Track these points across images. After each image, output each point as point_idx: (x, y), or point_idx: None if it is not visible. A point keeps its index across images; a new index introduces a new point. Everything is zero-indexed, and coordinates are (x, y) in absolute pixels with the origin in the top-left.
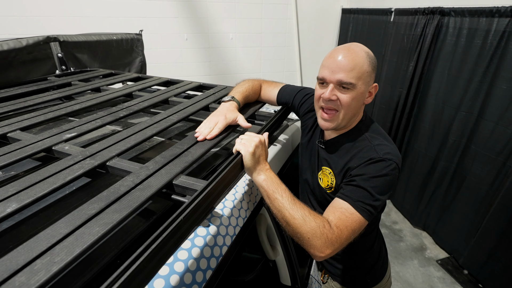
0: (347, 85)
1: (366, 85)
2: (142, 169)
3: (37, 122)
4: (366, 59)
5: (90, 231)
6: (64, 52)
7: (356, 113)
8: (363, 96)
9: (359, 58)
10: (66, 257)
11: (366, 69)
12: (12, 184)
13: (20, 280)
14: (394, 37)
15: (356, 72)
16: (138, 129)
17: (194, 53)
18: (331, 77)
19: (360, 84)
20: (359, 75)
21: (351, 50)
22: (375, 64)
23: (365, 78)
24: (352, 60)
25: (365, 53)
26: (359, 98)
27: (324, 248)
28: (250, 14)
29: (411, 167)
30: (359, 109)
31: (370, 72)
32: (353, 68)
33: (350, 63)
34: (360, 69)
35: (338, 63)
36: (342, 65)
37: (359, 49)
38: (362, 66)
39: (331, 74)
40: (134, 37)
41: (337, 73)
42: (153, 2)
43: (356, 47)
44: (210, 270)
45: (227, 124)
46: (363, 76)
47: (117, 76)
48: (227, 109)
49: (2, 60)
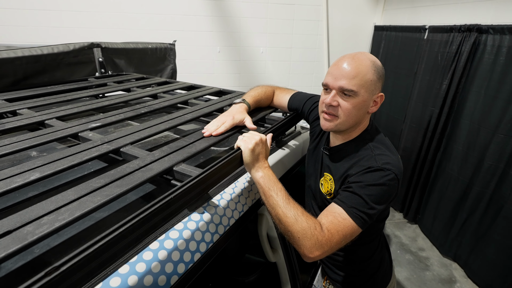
0: (348, 92)
1: (370, 93)
2: (148, 156)
3: (70, 113)
4: (371, 68)
5: (93, 199)
6: (104, 57)
7: (358, 121)
8: (366, 104)
9: (363, 67)
10: (68, 217)
11: (370, 77)
12: (39, 159)
13: (28, 229)
14: (427, 55)
15: (359, 80)
16: (153, 124)
17: (226, 65)
18: (334, 84)
19: (363, 92)
20: (362, 83)
21: (356, 58)
22: (381, 73)
23: (369, 86)
24: (355, 68)
25: (371, 62)
26: (361, 106)
27: (314, 249)
28: (281, 30)
29: (441, 190)
30: (362, 117)
31: (375, 81)
32: (355, 75)
33: (353, 71)
34: (363, 77)
35: (342, 70)
36: (345, 72)
37: (365, 58)
38: (365, 74)
39: (334, 80)
40: (167, 47)
41: (340, 80)
42: (191, 17)
43: (361, 55)
44: (199, 253)
45: (234, 124)
46: (366, 84)
47: (147, 79)
48: (236, 110)
49: (52, 62)
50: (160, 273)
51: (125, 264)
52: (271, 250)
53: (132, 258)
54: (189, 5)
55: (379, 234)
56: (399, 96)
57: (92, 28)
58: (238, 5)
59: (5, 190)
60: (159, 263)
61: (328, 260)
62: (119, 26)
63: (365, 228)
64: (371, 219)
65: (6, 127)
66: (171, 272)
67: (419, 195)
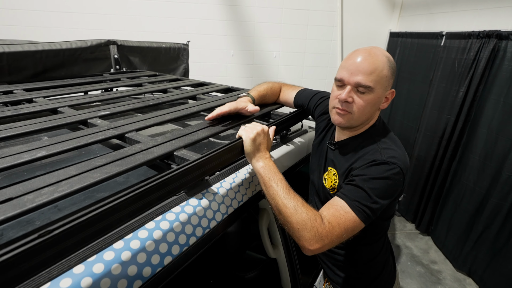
0: (364, 88)
1: (384, 90)
2: (151, 141)
3: (82, 102)
4: (386, 63)
5: (92, 175)
6: (119, 54)
7: (370, 117)
8: (380, 100)
9: (379, 62)
10: (67, 189)
11: (385, 73)
12: (48, 139)
13: (28, 198)
14: (444, 61)
15: (375, 76)
16: (159, 114)
17: (239, 69)
18: (350, 79)
19: (378, 88)
20: (378, 79)
21: (372, 53)
22: (394, 69)
23: (384, 82)
24: (372, 63)
25: (386, 58)
26: (375, 103)
27: (313, 241)
28: (295, 35)
29: (456, 201)
30: (374, 113)
31: (389, 77)
32: (372, 71)
33: (370, 66)
34: (380, 73)
35: (358, 65)
36: (361, 67)
37: (380, 53)
38: (382, 70)
39: (350, 76)
40: (181, 47)
41: (356, 76)
42: (207, 21)
43: (377, 50)
44: (194, 237)
45: (236, 108)
46: (381, 80)
47: (159, 76)
48: (240, 99)
49: (70, 56)
50: (154, 252)
51: (120, 240)
52: (271, 246)
53: (128, 235)
54: (206, 9)
55: (384, 235)
56: (413, 104)
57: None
58: (253, 10)
59: (13, 164)
60: (154, 242)
61: (329, 260)
62: (139, 28)
63: (368, 223)
64: (374, 214)
65: (21, 111)
66: (165, 253)
67: (432, 206)
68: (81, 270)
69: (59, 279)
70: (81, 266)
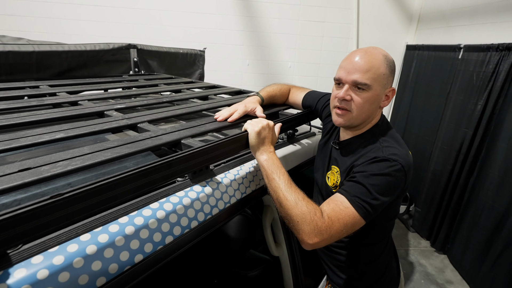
0: (362, 85)
1: (383, 87)
2: (160, 130)
3: (101, 97)
4: (384, 61)
5: (103, 154)
6: (139, 58)
7: (370, 115)
8: (379, 98)
9: (376, 60)
10: (79, 164)
11: (382, 71)
12: (67, 124)
13: (44, 168)
14: (462, 74)
15: (372, 74)
16: (171, 109)
17: (254, 78)
18: (347, 78)
19: (376, 85)
20: (375, 76)
21: (368, 52)
22: (393, 67)
23: (381, 80)
24: (368, 61)
25: (383, 56)
26: (374, 100)
27: (313, 235)
28: (310, 46)
29: (474, 219)
30: (374, 111)
31: (387, 75)
32: (368, 69)
33: (366, 64)
34: (376, 71)
35: (354, 64)
36: (358, 66)
37: (377, 52)
38: (378, 68)
39: (347, 74)
40: (197, 53)
41: (353, 74)
42: (224, 31)
43: (373, 49)
44: (196, 222)
45: (246, 112)
46: (379, 78)
47: (174, 79)
48: (249, 100)
49: (93, 57)
50: (156, 230)
51: (125, 216)
52: (274, 243)
53: (133, 212)
54: (224, 20)
55: (387, 236)
56: (430, 116)
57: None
58: (270, 22)
59: (34, 143)
60: (156, 221)
61: (331, 260)
62: (159, 37)
63: (369, 220)
64: (374, 211)
65: (45, 103)
66: (167, 232)
67: (448, 223)
68: (87, 238)
69: (66, 244)
70: (87, 234)
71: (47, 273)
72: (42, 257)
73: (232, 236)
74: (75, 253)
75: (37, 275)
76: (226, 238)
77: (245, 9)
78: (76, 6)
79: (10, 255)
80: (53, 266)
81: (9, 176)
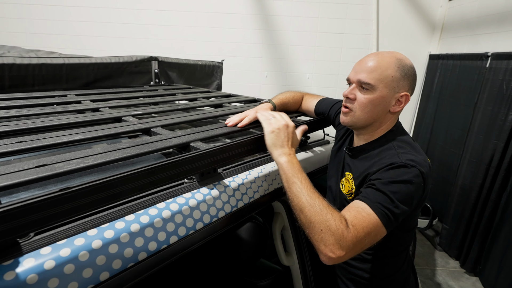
0: (365, 85)
1: (391, 90)
2: (171, 133)
3: (120, 105)
4: (394, 64)
5: (114, 154)
6: (159, 69)
7: (377, 118)
8: (385, 101)
9: (384, 62)
10: (91, 162)
11: (390, 73)
12: (84, 128)
13: (59, 165)
14: (490, 84)
15: (377, 74)
16: (184, 115)
17: (272, 89)
18: (354, 77)
19: (382, 87)
20: (381, 77)
21: (379, 54)
22: (408, 72)
23: (389, 82)
24: (376, 62)
25: (396, 59)
26: (379, 102)
27: (337, 247)
28: (329, 57)
29: (508, 238)
30: (381, 115)
31: (398, 78)
32: (374, 70)
33: (372, 65)
34: (383, 72)
35: (363, 64)
36: (365, 66)
37: (389, 55)
38: (386, 69)
39: (354, 74)
40: (215, 64)
41: (359, 74)
42: (244, 45)
43: (387, 53)
44: (202, 223)
45: (256, 118)
46: (385, 79)
47: (191, 89)
48: (260, 107)
49: (117, 69)
50: (161, 229)
51: (131, 214)
52: (284, 253)
53: (139, 211)
54: (243, 34)
55: (405, 250)
56: (456, 128)
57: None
58: (288, 34)
59: (53, 143)
60: (162, 220)
61: (344, 274)
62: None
63: (390, 230)
64: (396, 220)
65: (70, 109)
66: (171, 232)
67: (480, 242)
68: (94, 233)
69: (74, 238)
70: (94, 230)
71: (54, 264)
72: (50, 249)
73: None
74: (81, 246)
75: (44, 265)
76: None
77: (264, 23)
78: (105, 24)
79: (21, 245)
80: (60, 257)
81: (26, 171)
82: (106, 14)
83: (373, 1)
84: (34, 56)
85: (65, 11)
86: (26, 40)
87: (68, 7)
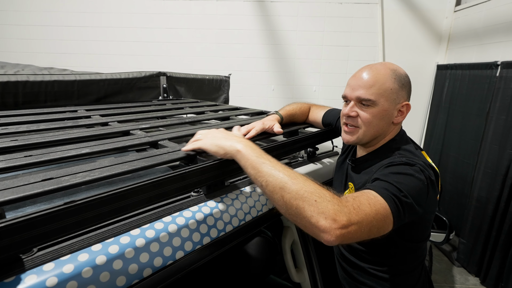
0: (366, 101)
1: (392, 102)
2: (178, 146)
3: (129, 119)
4: (390, 76)
5: (121, 167)
6: (168, 84)
7: (381, 131)
8: (389, 114)
9: (380, 75)
10: (97, 175)
11: (389, 86)
12: (92, 142)
13: (65, 179)
14: (502, 92)
15: (376, 89)
16: (191, 128)
17: (279, 102)
18: (351, 94)
19: (383, 101)
20: (380, 91)
21: (373, 67)
22: (404, 81)
23: (389, 95)
24: (372, 77)
25: (390, 71)
26: (383, 116)
27: (338, 213)
28: (335, 70)
29: None
30: (385, 127)
31: (397, 89)
32: (372, 84)
33: (369, 80)
34: (382, 86)
35: (359, 80)
36: (361, 82)
37: (383, 67)
38: (384, 83)
39: (352, 91)
40: (223, 79)
41: (357, 90)
42: (251, 59)
43: (380, 65)
44: (209, 238)
45: (263, 129)
46: (385, 93)
47: (199, 102)
48: (267, 118)
49: (127, 85)
50: (167, 244)
51: (137, 228)
52: (294, 268)
53: (145, 225)
54: (250, 49)
55: (419, 266)
56: (469, 138)
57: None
58: (294, 48)
59: (61, 157)
60: (168, 234)
61: None
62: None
63: (398, 222)
64: (404, 210)
65: (79, 123)
66: (178, 247)
67: (500, 257)
68: (98, 248)
69: (78, 253)
70: (99, 245)
71: (56, 281)
72: (53, 265)
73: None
74: (85, 262)
75: (46, 283)
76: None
77: (270, 38)
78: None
79: (24, 260)
80: (63, 274)
81: (32, 185)
82: (120, 33)
83: (378, 14)
84: (47, 74)
85: (83, 32)
86: (47, 59)
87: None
